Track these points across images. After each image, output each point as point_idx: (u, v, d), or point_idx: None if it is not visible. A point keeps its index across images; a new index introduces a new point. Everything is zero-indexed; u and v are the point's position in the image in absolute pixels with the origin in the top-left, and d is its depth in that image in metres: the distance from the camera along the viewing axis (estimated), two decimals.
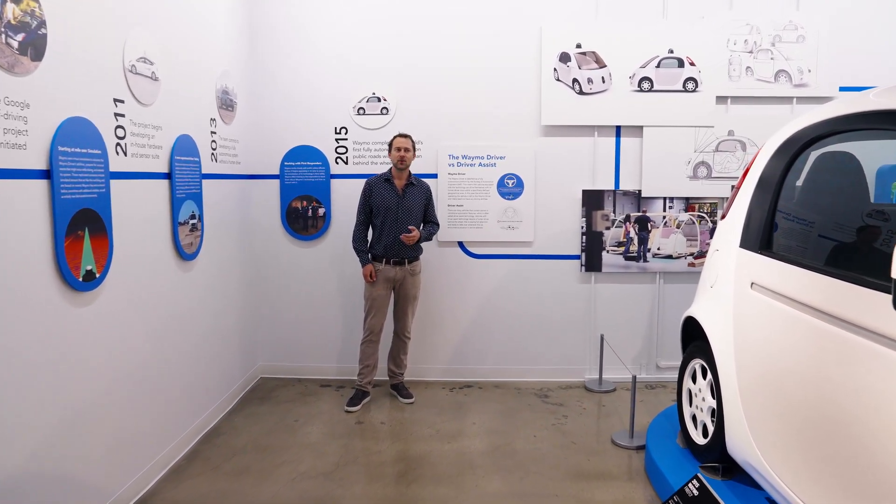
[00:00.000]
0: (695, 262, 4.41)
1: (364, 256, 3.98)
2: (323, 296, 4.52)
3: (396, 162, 3.91)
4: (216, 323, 3.77)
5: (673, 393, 4.28)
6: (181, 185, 3.23)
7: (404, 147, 3.90)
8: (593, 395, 4.28)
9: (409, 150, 3.92)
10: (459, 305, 4.51)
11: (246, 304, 4.31)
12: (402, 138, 3.92)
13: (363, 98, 4.35)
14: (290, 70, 4.35)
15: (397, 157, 3.89)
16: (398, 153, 3.89)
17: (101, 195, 2.50)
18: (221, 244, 3.85)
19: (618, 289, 4.48)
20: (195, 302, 3.46)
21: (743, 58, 4.25)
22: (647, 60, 4.25)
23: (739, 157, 4.32)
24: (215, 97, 3.72)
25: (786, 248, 2.37)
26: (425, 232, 4.01)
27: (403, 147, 3.90)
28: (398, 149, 3.89)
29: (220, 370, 3.85)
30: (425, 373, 4.54)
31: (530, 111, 4.34)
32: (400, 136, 3.93)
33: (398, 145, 3.90)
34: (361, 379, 4.06)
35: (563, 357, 4.54)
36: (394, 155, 3.91)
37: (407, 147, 3.91)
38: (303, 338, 4.57)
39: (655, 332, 4.51)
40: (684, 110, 4.27)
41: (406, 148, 3.90)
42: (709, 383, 2.84)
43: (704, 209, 4.39)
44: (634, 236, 4.40)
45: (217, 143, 3.78)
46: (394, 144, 3.92)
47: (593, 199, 4.38)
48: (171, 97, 3.12)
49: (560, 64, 4.26)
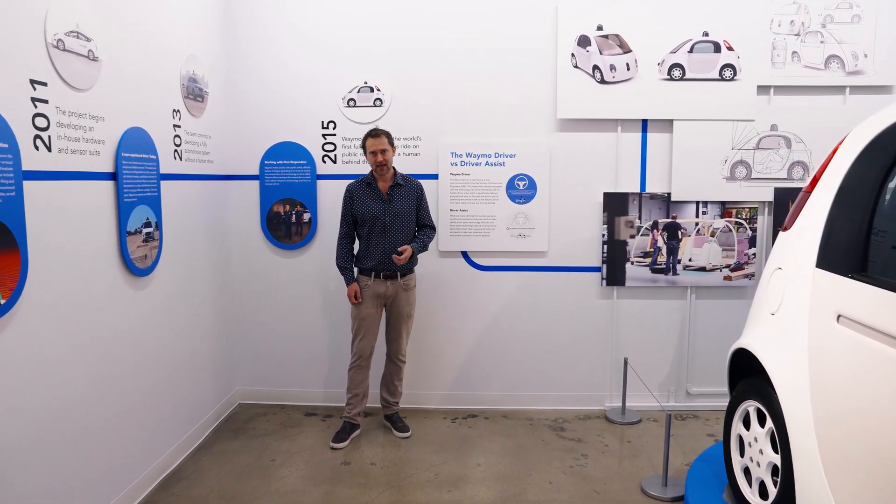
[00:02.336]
0: (731, 276, 3.86)
1: (348, 274, 3.45)
2: (309, 312, 4.00)
3: (375, 168, 3.37)
4: (180, 347, 3.25)
5: (708, 424, 3.73)
6: (131, 187, 2.72)
7: (380, 148, 3.31)
8: (615, 427, 3.74)
9: (386, 150, 3.34)
10: (463, 324, 3.98)
11: (220, 322, 3.79)
12: (375, 138, 3.32)
13: (354, 88, 3.83)
14: (271, 56, 3.83)
15: (376, 163, 3.34)
16: (375, 157, 3.32)
17: (7, 200, 1.98)
18: (188, 256, 3.34)
19: (643, 305, 3.94)
20: (151, 324, 2.94)
21: (788, 41, 3.70)
22: (679, 45, 3.70)
23: (783, 156, 3.77)
24: (180, 85, 3.21)
25: (892, 272, 1.82)
26: (418, 244, 3.45)
27: (379, 149, 3.31)
28: (374, 152, 3.32)
29: (187, 400, 3.33)
30: (424, 399, 4.01)
31: (544, 103, 3.81)
32: (371, 137, 3.33)
33: (373, 147, 3.31)
34: (350, 410, 3.54)
35: (581, 383, 4.00)
36: (371, 160, 3.35)
37: (384, 147, 3.32)
38: (286, 360, 4.05)
39: (686, 355, 3.96)
40: (721, 102, 3.73)
41: (383, 149, 3.32)
42: (768, 432, 2.30)
43: (743, 214, 3.84)
44: (663, 246, 3.86)
45: (182, 138, 3.26)
46: (367, 147, 3.34)
47: (616, 204, 3.84)
48: (116, 82, 2.61)
49: (579, 49, 3.73)
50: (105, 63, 2.51)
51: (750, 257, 3.85)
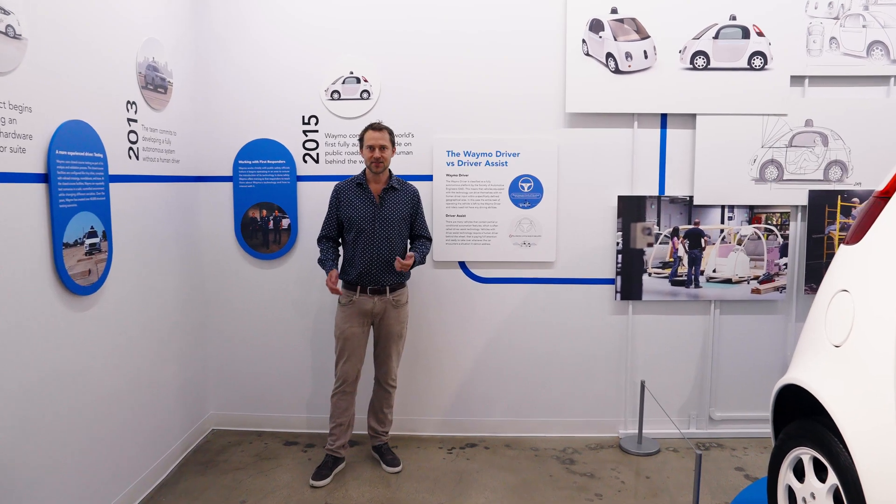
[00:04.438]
0: (760, 289, 3.45)
1: (329, 264, 3.06)
2: (289, 329, 3.59)
3: (371, 164, 2.98)
4: (136, 372, 2.84)
5: (735, 455, 3.32)
6: (69, 190, 2.30)
7: (380, 144, 2.95)
8: (631, 459, 3.33)
9: (386, 148, 2.98)
10: (460, 342, 3.57)
11: (189, 342, 3.38)
12: (377, 132, 2.97)
13: (338, 78, 3.41)
14: (248, 42, 3.41)
15: (371, 158, 2.96)
16: (372, 153, 2.95)
17: None
18: (147, 269, 2.92)
19: (662, 321, 3.53)
20: (98, 349, 2.53)
21: (826, 26, 3.30)
22: (703, 30, 3.30)
23: (819, 154, 3.37)
24: (136, 73, 2.80)
25: None
26: (419, 254, 3.07)
27: (379, 144, 2.95)
28: (371, 147, 2.95)
29: (148, 431, 2.92)
30: (418, 426, 3.60)
31: (552, 95, 3.40)
32: (373, 130, 2.98)
33: (372, 142, 2.96)
34: (333, 442, 3.12)
35: (593, 407, 3.59)
36: (366, 154, 2.98)
37: (384, 143, 2.97)
38: (263, 382, 3.63)
39: (708, 376, 3.55)
40: (749, 94, 3.33)
41: (382, 145, 2.96)
42: (831, 489, 1.89)
43: (773, 220, 3.44)
44: (684, 255, 3.46)
45: (140, 134, 2.85)
46: (366, 140, 2.98)
47: (632, 208, 3.43)
48: (48, 66, 2.20)
49: (591, 34, 3.32)
50: (30, 42, 2.10)
51: (781, 268, 3.45)
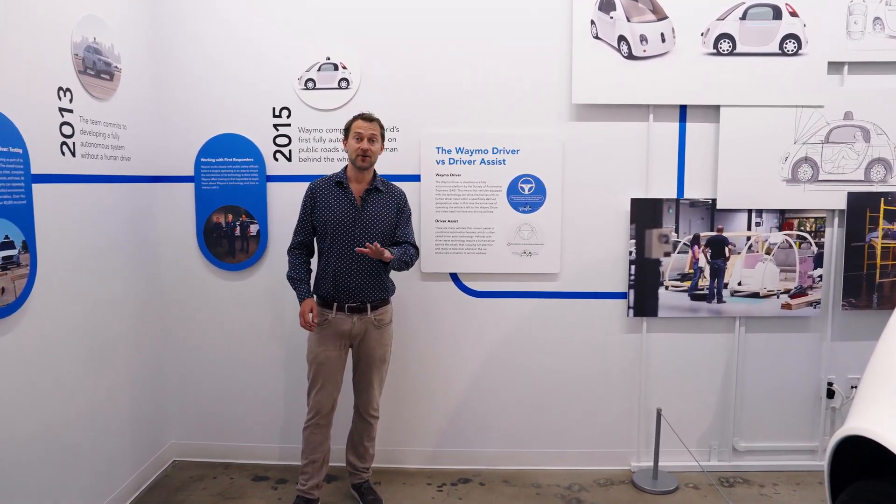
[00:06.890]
0: (791, 303, 3.05)
1: (302, 287, 2.65)
2: (259, 348, 3.18)
3: (356, 158, 2.58)
4: (77, 400, 2.44)
5: (764, 493, 2.93)
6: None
7: (368, 135, 2.57)
8: (646, 497, 2.93)
9: (375, 140, 2.60)
10: (452, 364, 3.17)
11: (144, 364, 2.97)
12: (366, 122, 2.59)
13: (313, 65, 3.01)
14: (215, 24, 3.00)
15: (357, 151, 2.57)
16: (359, 144, 2.56)
17: None
18: (83, 284, 2.51)
19: (680, 341, 3.13)
20: (22, 378, 2.13)
21: (869, 4, 2.90)
22: (728, 9, 2.90)
23: (860, 151, 2.97)
24: (71, 56, 2.39)
25: None
26: (398, 251, 2.63)
27: (368, 135, 2.57)
28: (359, 136, 2.57)
29: (95, 468, 2.52)
30: (404, 458, 3.20)
31: (556, 84, 3.00)
32: (362, 119, 2.60)
33: (360, 131, 2.57)
34: (305, 482, 2.72)
35: (602, 437, 3.19)
36: (352, 146, 2.59)
37: (373, 135, 2.58)
38: (230, 408, 3.23)
39: (732, 402, 3.15)
40: (781, 82, 2.93)
41: (372, 136, 2.58)
42: None
43: (807, 226, 3.04)
44: (705, 266, 3.06)
45: (76, 126, 2.44)
46: (352, 130, 2.60)
47: (646, 213, 3.03)
48: None
49: (600, 14, 2.92)
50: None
51: (815, 280, 3.05)
